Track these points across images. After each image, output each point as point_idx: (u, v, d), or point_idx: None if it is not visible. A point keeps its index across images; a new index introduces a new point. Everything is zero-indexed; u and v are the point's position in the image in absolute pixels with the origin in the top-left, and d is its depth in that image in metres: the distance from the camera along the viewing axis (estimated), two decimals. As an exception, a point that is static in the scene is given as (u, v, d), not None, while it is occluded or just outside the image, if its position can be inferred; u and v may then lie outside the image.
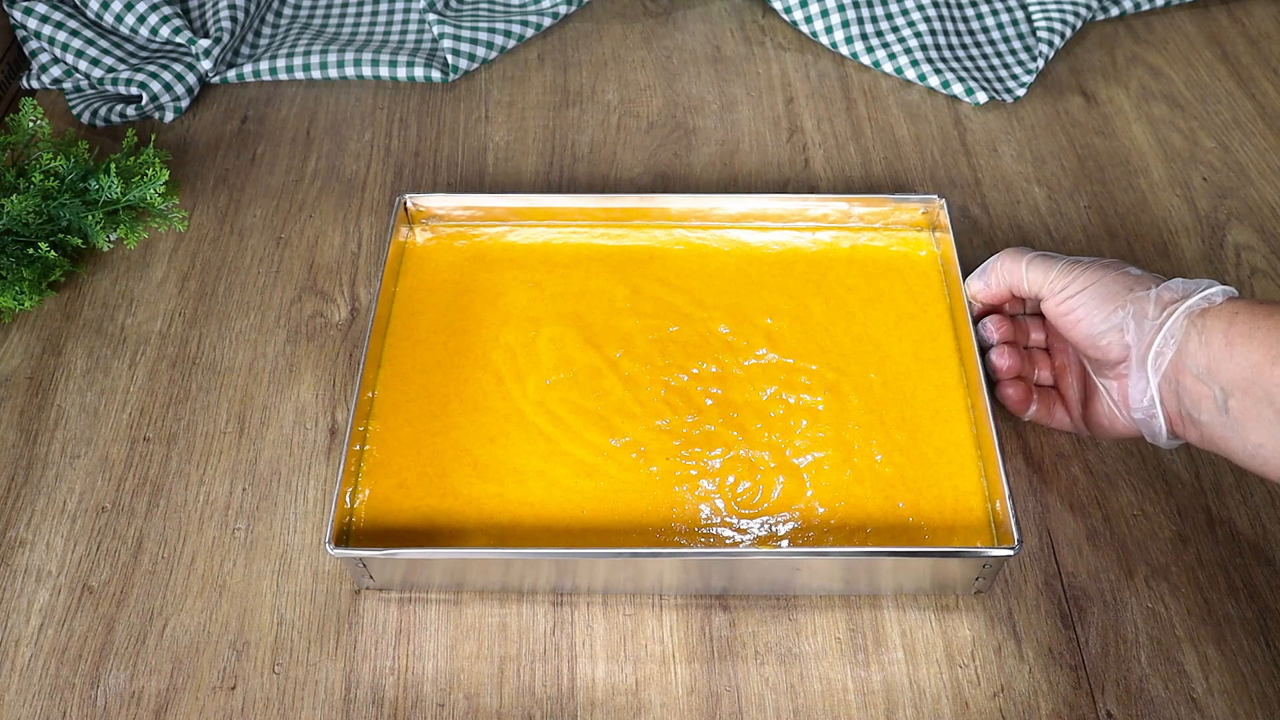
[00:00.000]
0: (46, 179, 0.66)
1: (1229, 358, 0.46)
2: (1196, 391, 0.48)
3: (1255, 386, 0.45)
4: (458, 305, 0.64)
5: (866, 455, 0.57)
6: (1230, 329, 0.47)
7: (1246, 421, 0.46)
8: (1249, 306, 0.47)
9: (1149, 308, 0.50)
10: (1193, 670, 0.52)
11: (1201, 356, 0.47)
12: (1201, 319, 0.48)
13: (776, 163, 0.77)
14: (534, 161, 0.77)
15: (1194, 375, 0.48)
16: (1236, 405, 0.46)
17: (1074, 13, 0.83)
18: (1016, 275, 0.55)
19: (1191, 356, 0.48)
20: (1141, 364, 0.50)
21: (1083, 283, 0.52)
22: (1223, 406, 0.47)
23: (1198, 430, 0.49)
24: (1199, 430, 0.49)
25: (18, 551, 0.57)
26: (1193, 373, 0.48)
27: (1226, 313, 0.47)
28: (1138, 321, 0.50)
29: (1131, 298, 0.50)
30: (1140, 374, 0.50)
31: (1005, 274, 0.56)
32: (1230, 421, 0.47)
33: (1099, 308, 0.51)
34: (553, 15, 0.87)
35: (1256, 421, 0.46)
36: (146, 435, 0.61)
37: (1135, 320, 0.50)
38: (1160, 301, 0.49)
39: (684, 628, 0.53)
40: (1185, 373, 0.48)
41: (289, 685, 0.52)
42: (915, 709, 0.51)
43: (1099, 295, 0.51)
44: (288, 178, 0.76)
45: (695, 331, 0.62)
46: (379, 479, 0.56)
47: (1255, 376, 0.45)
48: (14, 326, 0.67)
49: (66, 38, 0.80)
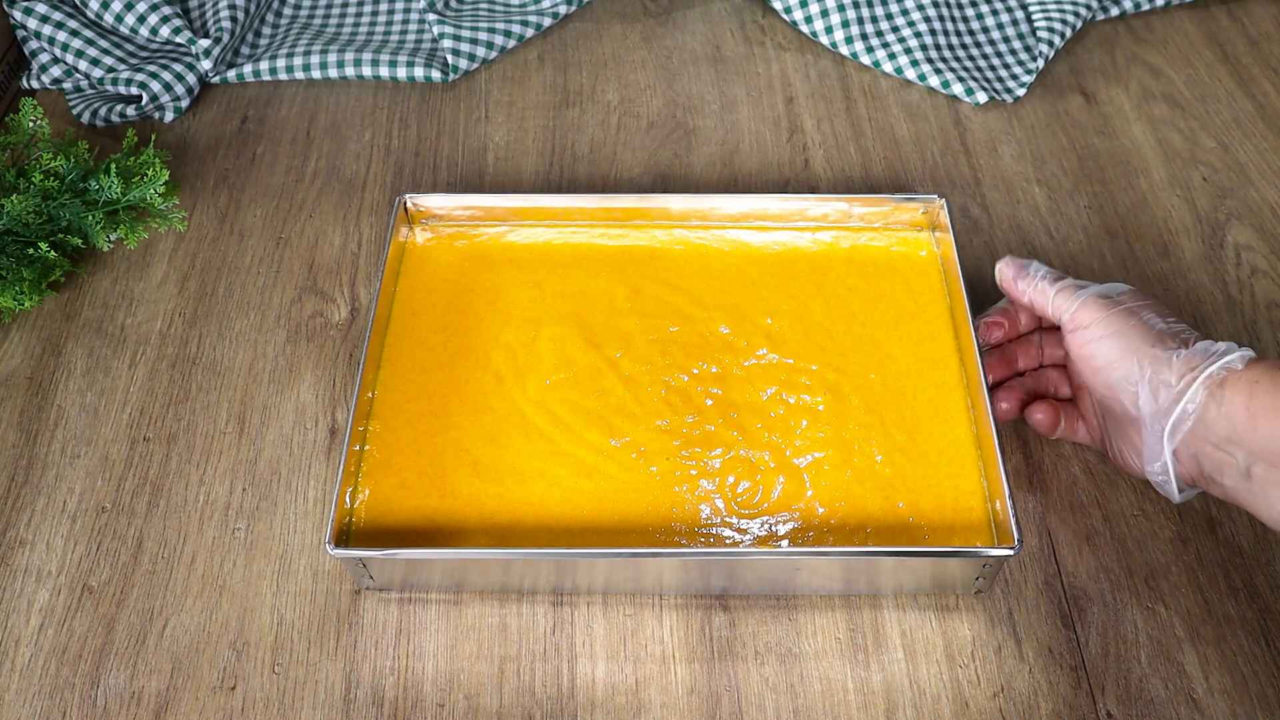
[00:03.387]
0: (46, 179, 0.66)
1: (1252, 430, 0.45)
2: (1217, 458, 0.47)
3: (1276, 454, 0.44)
4: (458, 305, 0.64)
5: (866, 455, 0.57)
6: (1251, 400, 0.45)
7: (1270, 490, 0.45)
8: (1269, 374, 0.45)
9: (1168, 374, 0.48)
10: (1193, 670, 0.52)
11: (1221, 427, 0.46)
12: (1220, 389, 0.46)
13: (776, 163, 0.77)
14: (534, 161, 0.77)
15: (1213, 444, 0.47)
16: (1261, 473, 0.45)
17: (1074, 13, 0.83)
18: (1043, 297, 0.54)
19: (1210, 427, 0.46)
20: (1157, 432, 0.48)
21: (1103, 330, 0.51)
22: (1245, 473, 0.46)
23: (1221, 490, 0.48)
24: (1222, 490, 0.48)
25: (18, 551, 0.57)
26: (1212, 442, 0.47)
27: (1247, 381, 0.46)
28: (1154, 388, 0.48)
29: (1152, 357, 0.49)
30: (1155, 441, 0.49)
31: (1037, 293, 0.55)
32: (1254, 488, 0.46)
33: (1119, 360, 0.50)
34: (553, 15, 0.87)
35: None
36: (146, 435, 0.61)
37: (1152, 387, 0.49)
38: (1180, 368, 0.48)
39: (684, 628, 0.53)
40: (1204, 441, 0.47)
41: (289, 685, 0.52)
42: (915, 709, 0.51)
43: (1118, 348, 0.50)
44: (288, 178, 0.76)
45: (695, 331, 0.62)
46: (379, 479, 0.56)
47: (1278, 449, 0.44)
48: (14, 326, 0.67)
49: (66, 38, 0.80)
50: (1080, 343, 0.52)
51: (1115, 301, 0.52)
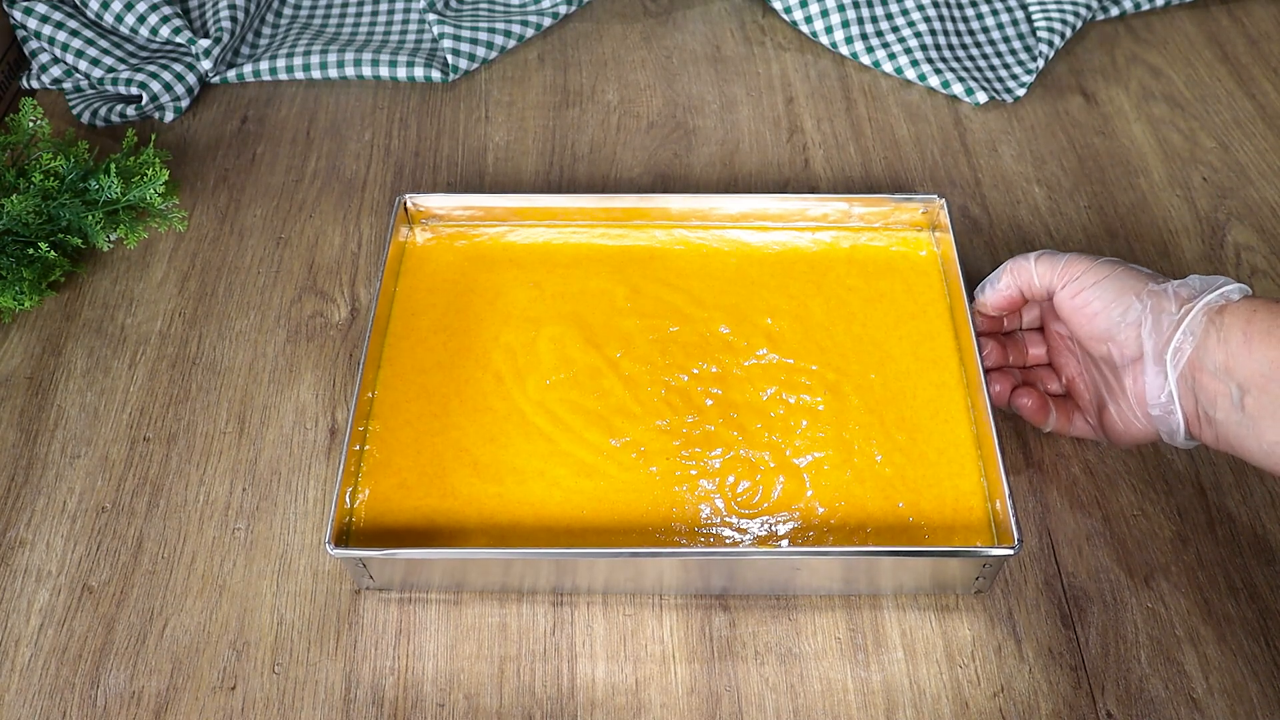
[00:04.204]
0: (46, 179, 0.66)
1: (1248, 354, 0.46)
2: (1213, 389, 0.48)
3: (1273, 384, 0.45)
4: (458, 305, 0.64)
5: (866, 455, 0.57)
6: (1249, 326, 0.47)
7: (1263, 419, 0.46)
8: (1267, 304, 0.47)
9: (1167, 303, 0.49)
10: (1193, 670, 0.52)
11: (1219, 353, 0.47)
12: (1219, 316, 0.48)
13: (776, 163, 0.77)
14: (534, 161, 0.77)
15: (1210, 372, 0.48)
16: (1253, 403, 0.46)
17: (1074, 13, 0.83)
18: (1025, 273, 0.55)
19: (1209, 353, 0.48)
20: (1159, 360, 0.49)
21: (1096, 275, 0.52)
22: (1239, 404, 0.47)
23: (1213, 430, 0.49)
24: (1214, 430, 0.48)
25: (18, 551, 0.57)
26: (1209, 370, 0.48)
27: (1244, 310, 0.47)
28: (1155, 316, 0.49)
29: (1148, 291, 0.50)
30: (1158, 370, 0.50)
31: (1016, 274, 0.55)
32: (1246, 419, 0.47)
33: (1116, 300, 0.51)
34: (553, 15, 0.87)
35: (1273, 420, 0.46)
36: (146, 435, 0.61)
37: (1153, 315, 0.50)
38: (1178, 297, 0.49)
39: (684, 628, 0.53)
40: (1202, 370, 0.48)
41: (289, 685, 0.52)
42: (915, 709, 0.51)
43: (1114, 288, 0.51)
44: (288, 178, 0.76)
45: (695, 331, 0.62)
46: (379, 479, 0.56)
47: (1273, 373, 0.45)
48: (14, 326, 0.67)
49: (66, 38, 0.80)
50: (1073, 294, 0.52)
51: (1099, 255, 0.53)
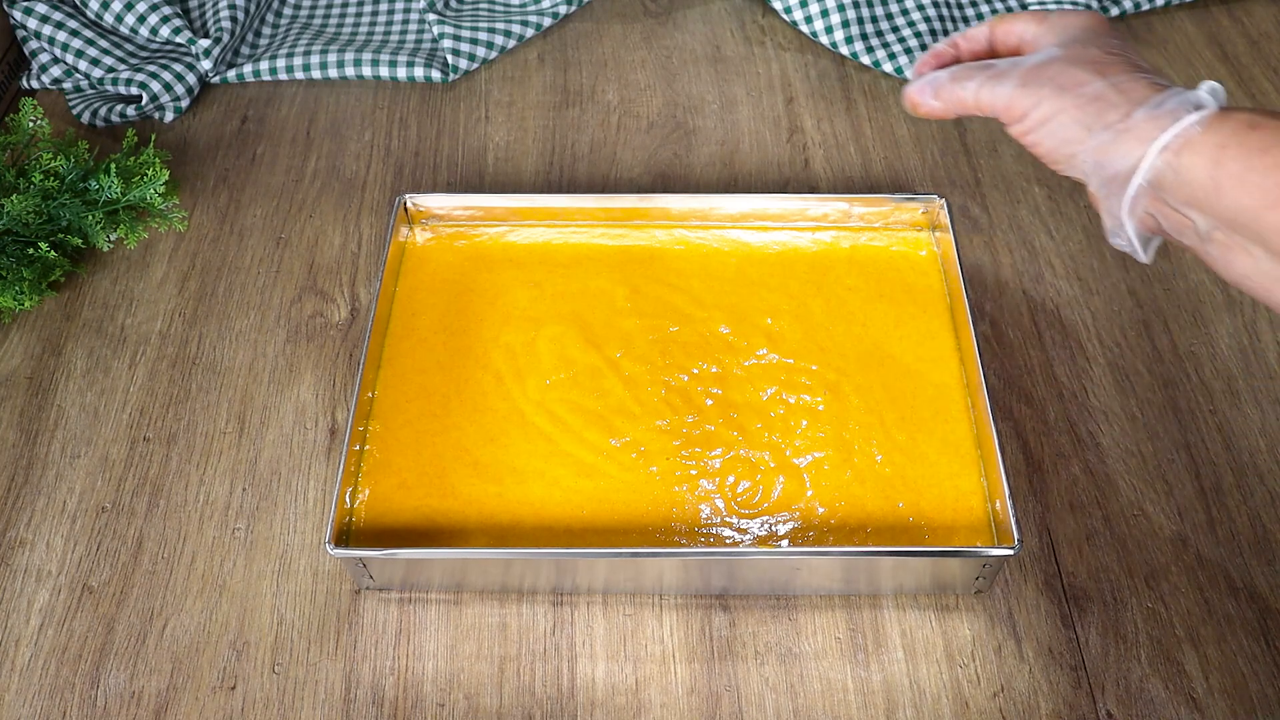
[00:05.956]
0: (46, 179, 0.66)
1: (1216, 199, 0.40)
2: (1175, 219, 0.42)
3: (1245, 228, 0.40)
4: (458, 305, 0.64)
5: (866, 455, 0.57)
6: (1217, 169, 0.40)
7: (1232, 253, 0.41)
8: (1237, 136, 0.39)
9: (1116, 153, 0.42)
10: (1193, 670, 0.52)
11: (1181, 193, 0.41)
12: (1178, 156, 0.40)
13: (776, 163, 0.77)
14: (534, 161, 0.77)
15: (1173, 207, 0.42)
16: (1222, 238, 0.41)
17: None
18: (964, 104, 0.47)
19: (1169, 192, 0.41)
20: (1113, 211, 0.44)
21: (1042, 114, 0.44)
22: (1205, 236, 0.41)
23: (1179, 245, 0.44)
24: (1181, 246, 0.44)
25: (18, 551, 0.57)
26: (1171, 205, 0.42)
27: (1211, 146, 0.40)
28: (1104, 164, 0.43)
29: (1096, 145, 0.43)
30: (1113, 213, 0.44)
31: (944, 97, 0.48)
32: (1213, 250, 0.42)
33: (1063, 144, 0.44)
34: (553, 15, 0.87)
35: (1244, 255, 0.41)
36: (146, 435, 0.61)
37: (1102, 163, 0.43)
38: (1131, 142, 0.42)
39: (684, 628, 0.53)
40: (1162, 204, 0.42)
41: (289, 685, 0.52)
42: (915, 709, 0.51)
43: (1060, 133, 0.44)
44: (288, 178, 0.76)
45: (695, 331, 0.62)
46: (379, 479, 0.56)
47: (1246, 220, 0.39)
48: (14, 326, 0.67)
49: (66, 38, 0.80)
50: (1019, 133, 0.46)
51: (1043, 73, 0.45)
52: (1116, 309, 0.66)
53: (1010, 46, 0.49)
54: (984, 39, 0.50)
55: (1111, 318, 0.66)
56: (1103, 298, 0.67)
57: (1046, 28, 0.47)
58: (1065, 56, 0.45)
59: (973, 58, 0.50)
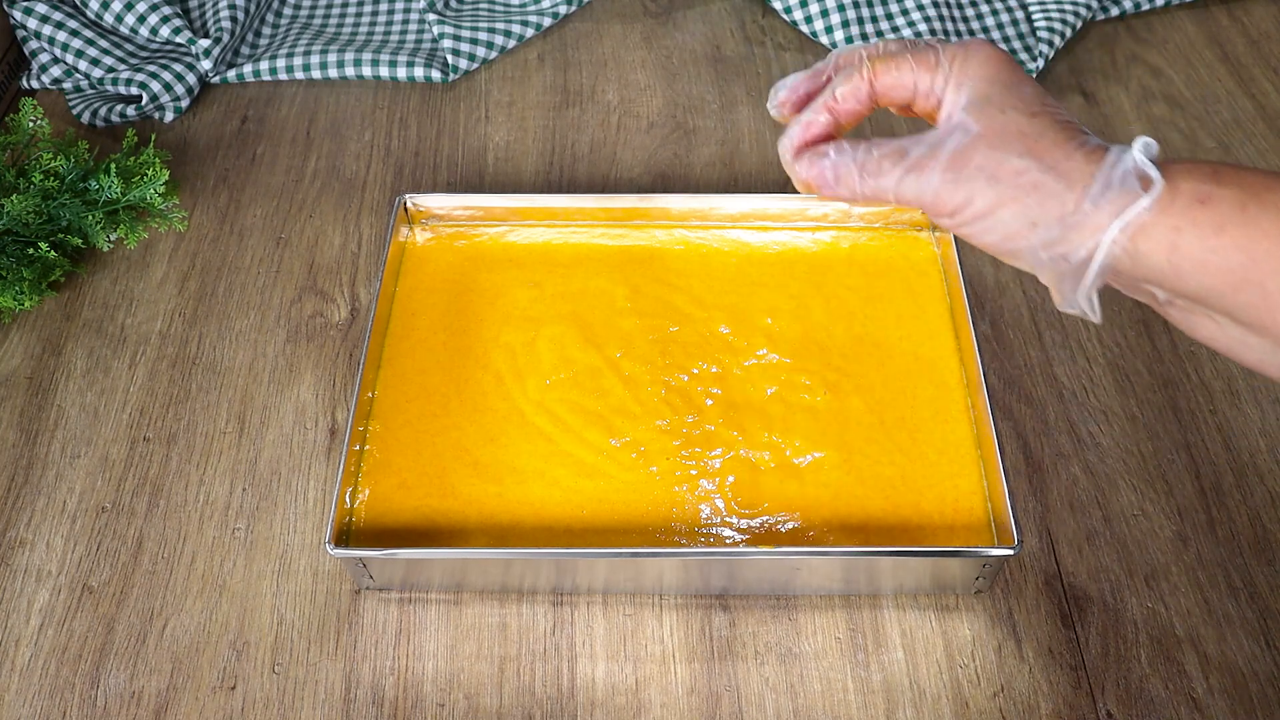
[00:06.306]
0: (46, 179, 0.66)
1: (1176, 280, 0.37)
2: (1134, 289, 0.40)
3: (1210, 305, 0.37)
4: (458, 305, 0.64)
5: (866, 455, 0.57)
6: (1174, 253, 0.37)
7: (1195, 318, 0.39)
8: (1189, 215, 0.36)
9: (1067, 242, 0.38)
10: (1193, 670, 0.52)
11: (1139, 274, 0.38)
12: (1133, 243, 0.37)
13: (776, 163, 0.76)
14: (534, 161, 0.77)
15: (1129, 283, 0.39)
16: (1184, 306, 0.39)
17: (1074, 13, 0.83)
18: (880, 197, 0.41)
19: (1127, 275, 0.38)
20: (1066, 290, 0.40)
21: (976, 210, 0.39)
22: (1166, 303, 0.39)
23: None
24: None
25: (18, 551, 0.57)
26: (1127, 281, 0.39)
27: (1165, 230, 0.36)
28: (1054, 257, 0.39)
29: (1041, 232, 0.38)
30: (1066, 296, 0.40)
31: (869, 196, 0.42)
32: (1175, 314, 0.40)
33: (1004, 240, 0.39)
34: (553, 15, 0.87)
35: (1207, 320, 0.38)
36: (146, 435, 0.61)
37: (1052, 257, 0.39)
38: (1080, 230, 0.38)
39: (684, 628, 0.53)
40: (1118, 280, 0.39)
41: (289, 685, 0.52)
42: (915, 709, 0.51)
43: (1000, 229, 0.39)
44: (288, 178, 0.76)
45: (695, 331, 0.62)
46: (379, 479, 0.56)
47: (1211, 299, 0.37)
48: (14, 326, 0.67)
49: (66, 38, 0.80)
50: (952, 227, 0.41)
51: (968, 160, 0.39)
52: (1116, 309, 0.66)
53: (899, 101, 0.43)
54: (865, 94, 0.42)
55: (1111, 318, 0.66)
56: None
57: (949, 85, 0.41)
58: (986, 135, 0.39)
59: (852, 117, 0.43)
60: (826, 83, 0.43)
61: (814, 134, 0.43)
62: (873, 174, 0.41)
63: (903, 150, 0.40)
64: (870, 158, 0.41)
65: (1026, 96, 0.40)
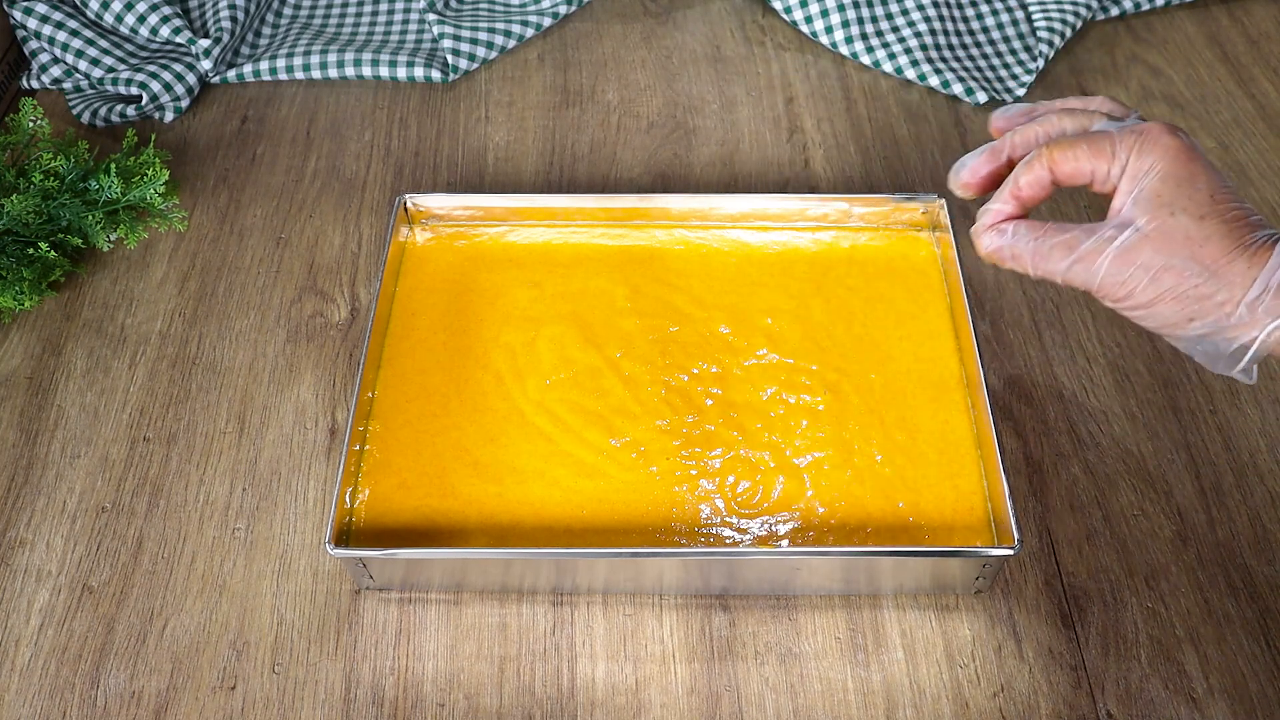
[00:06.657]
0: (46, 179, 0.66)
1: None
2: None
3: None
4: (458, 305, 0.64)
5: (866, 455, 0.57)
6: None
7: None
8: None
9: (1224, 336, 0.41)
10: (1193, 670, 0.52)
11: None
12: None
13: (776, 163, 0.77)
14: (534, 161, 0.77)
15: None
16: None
17: (1074, 13, 0.83)
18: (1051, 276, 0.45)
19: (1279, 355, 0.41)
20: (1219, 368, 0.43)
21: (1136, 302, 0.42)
22: None
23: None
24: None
25: (18, 551, 0.57)
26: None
27: None
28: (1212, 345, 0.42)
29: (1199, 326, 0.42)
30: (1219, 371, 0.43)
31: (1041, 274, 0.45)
32: None
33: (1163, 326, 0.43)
34: (553, 15, 0.87)
35: None
36: (146, 435, 0.61)
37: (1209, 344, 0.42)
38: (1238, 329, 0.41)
39: (684, 628, 0.53)
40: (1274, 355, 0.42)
41: (289, 685, 0.52)
42: (915, 709, 0.51)
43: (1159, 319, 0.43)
44: (288, 178, 0.76)
45: (695, 331, 0.62)
46: (379, 479, 0.56)
47: None
48: (14, 326, 0.67)
49: (66, 38, 0.80)
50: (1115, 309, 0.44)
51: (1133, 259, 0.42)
52: (1116, 309, 0.66)
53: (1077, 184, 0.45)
54: (1046, 183, 0.45)
55: (1111, 317, 0.66)
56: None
57: (1125, 175, 0.42)
58: (1152, 236, 0.42)
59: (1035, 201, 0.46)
60: (1006, 164, 0.46)
61: (1002, 219, 0.46)
62: (1044, 259, 0.44)
63: (1074, 242, 0.43)
64: (1043, 246, 0.44)
65: (1198, 196, 0.41)
